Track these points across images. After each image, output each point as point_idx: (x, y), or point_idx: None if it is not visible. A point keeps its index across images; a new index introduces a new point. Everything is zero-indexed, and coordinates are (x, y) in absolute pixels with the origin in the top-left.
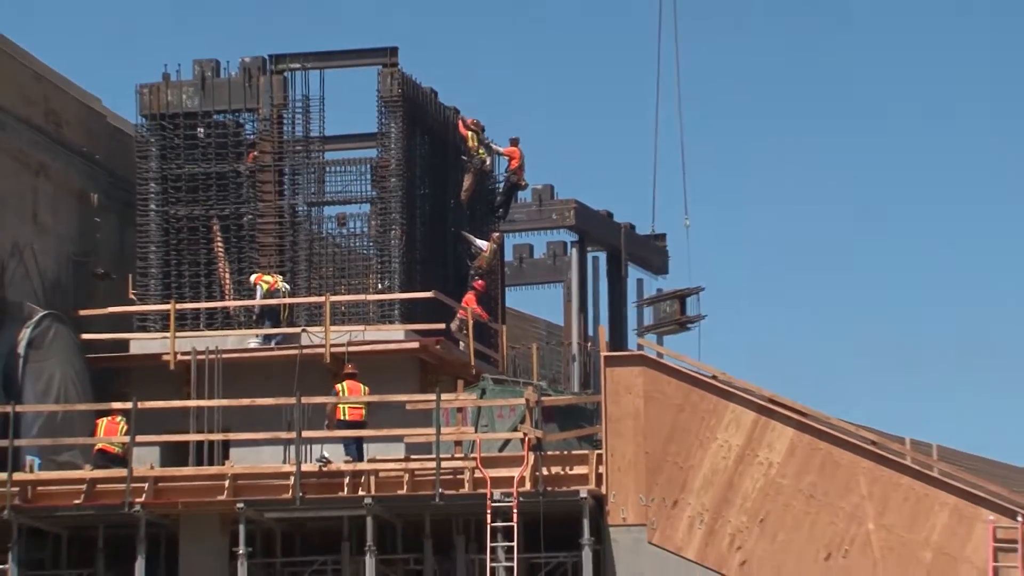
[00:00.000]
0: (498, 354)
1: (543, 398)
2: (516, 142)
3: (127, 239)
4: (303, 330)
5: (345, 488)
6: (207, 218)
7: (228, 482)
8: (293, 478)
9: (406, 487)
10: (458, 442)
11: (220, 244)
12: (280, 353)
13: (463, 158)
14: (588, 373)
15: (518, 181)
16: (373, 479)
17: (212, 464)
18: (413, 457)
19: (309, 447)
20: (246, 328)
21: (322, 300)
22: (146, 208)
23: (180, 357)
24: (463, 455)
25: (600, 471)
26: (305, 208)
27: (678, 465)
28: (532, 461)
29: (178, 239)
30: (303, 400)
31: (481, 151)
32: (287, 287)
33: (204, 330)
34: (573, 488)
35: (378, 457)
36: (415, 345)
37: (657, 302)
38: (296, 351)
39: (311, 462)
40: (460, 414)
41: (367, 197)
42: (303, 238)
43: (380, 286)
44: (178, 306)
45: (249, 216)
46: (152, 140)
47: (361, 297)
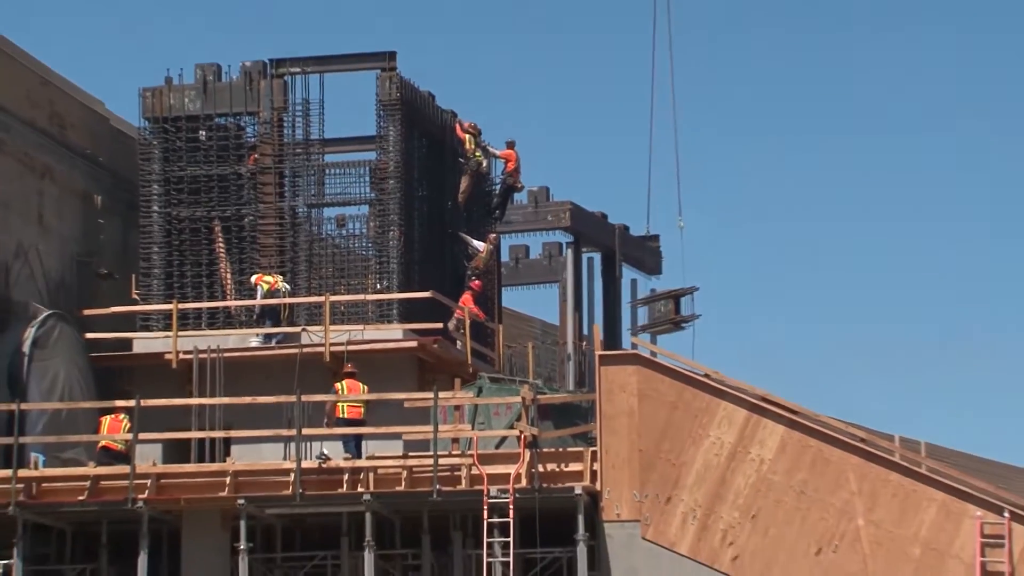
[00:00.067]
0: (495, 353)
1: (539, 396)
2: (512, 145)
3: (130, 240)
4: (303, 329)
5: (344, 485)
6: (209, 219)
7: (229, 479)
8: (293, 475)
9: (404, 484)
10: (455, 439)
11: (221, 245)
12: (280, 352)
13: (460, 161)
14: (583, 372)
15: (514, 183)
16: (372, 476)
17: (214, 461)
18: (411, 454)
19: (309, 444)
20: (247, 328)
21: (322, 300)
22: (149, 209)
23: (182, 356)
24: (460, 452)
25: (595, 468)
26: (305, 209)
27: (671, 462)
28: (528, 458)
29: (180, 240)
30: (303, 398)
31: (478, 154)
32: (287, 287)
33: (206, 329)
34: (568, 485)
35: (377, 454)
36: (413, 344)
37: (652, 302)
38: (296, 350)
39: (311, 459)
40: (457, 412)
41: (366, 199)
42: (303, 239)
43: (379, 286)
44: (180, 306)
45: (250, 217)
46: (155, 143)
47: (360, 297)
